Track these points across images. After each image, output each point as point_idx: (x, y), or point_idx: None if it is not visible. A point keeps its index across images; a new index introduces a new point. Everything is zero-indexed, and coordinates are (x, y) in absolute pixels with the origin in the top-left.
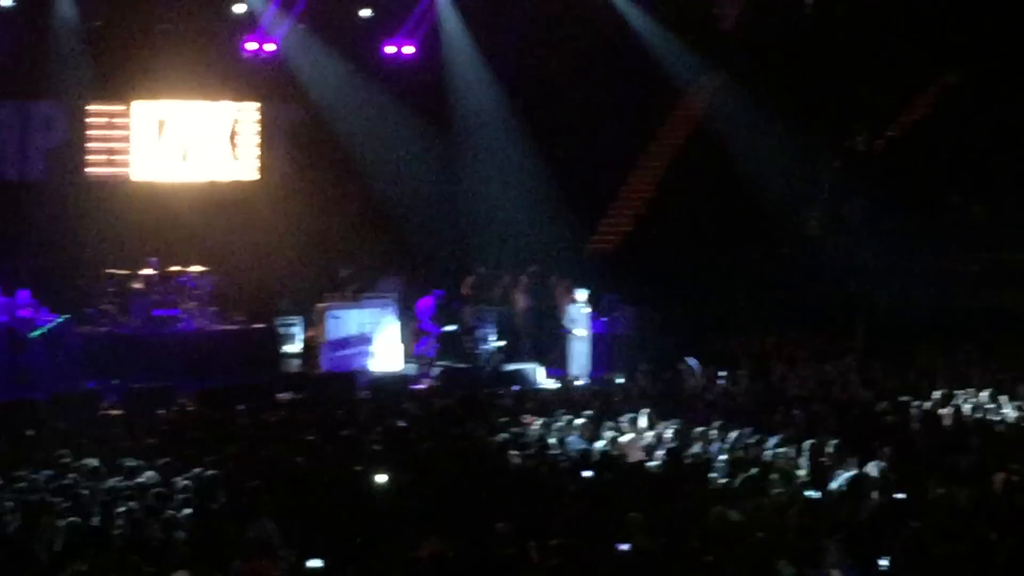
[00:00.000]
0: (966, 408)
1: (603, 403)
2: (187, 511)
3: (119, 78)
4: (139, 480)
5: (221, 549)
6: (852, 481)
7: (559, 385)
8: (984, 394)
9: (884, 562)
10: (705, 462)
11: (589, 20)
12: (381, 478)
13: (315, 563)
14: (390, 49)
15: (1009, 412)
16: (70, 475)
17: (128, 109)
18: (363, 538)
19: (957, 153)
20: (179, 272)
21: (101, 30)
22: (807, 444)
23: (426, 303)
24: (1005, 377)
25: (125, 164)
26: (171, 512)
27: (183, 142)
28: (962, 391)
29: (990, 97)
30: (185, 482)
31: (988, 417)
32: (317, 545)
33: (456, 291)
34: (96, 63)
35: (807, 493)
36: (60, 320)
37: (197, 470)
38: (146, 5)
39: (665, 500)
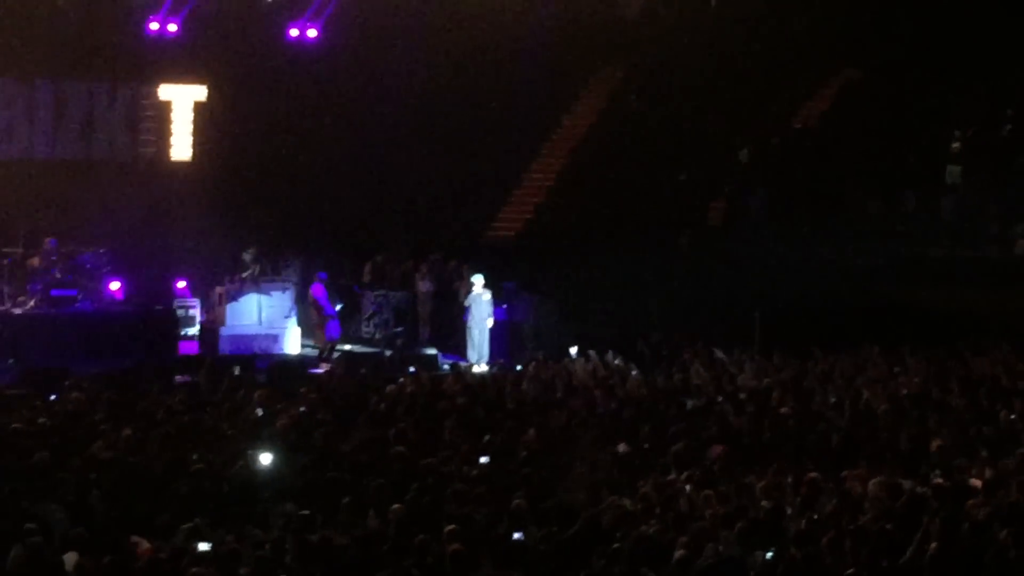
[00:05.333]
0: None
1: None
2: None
3: (20, 55)
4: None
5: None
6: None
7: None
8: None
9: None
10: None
11: (494, 7)
12: (265, 458)
13: (204, 546)
14: (294, 32)
15: None
16: None
17: (30, 87)
18: (255, 520)
19: (856, 148)
20: (78, 251)
21: (1, 5)
22: None
23: (319, 289)
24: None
25: (25, 142)
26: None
27: (84, 121)
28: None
29: (890, 93)
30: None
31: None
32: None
33: (345, 276)
34: None
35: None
36: None
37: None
38: None
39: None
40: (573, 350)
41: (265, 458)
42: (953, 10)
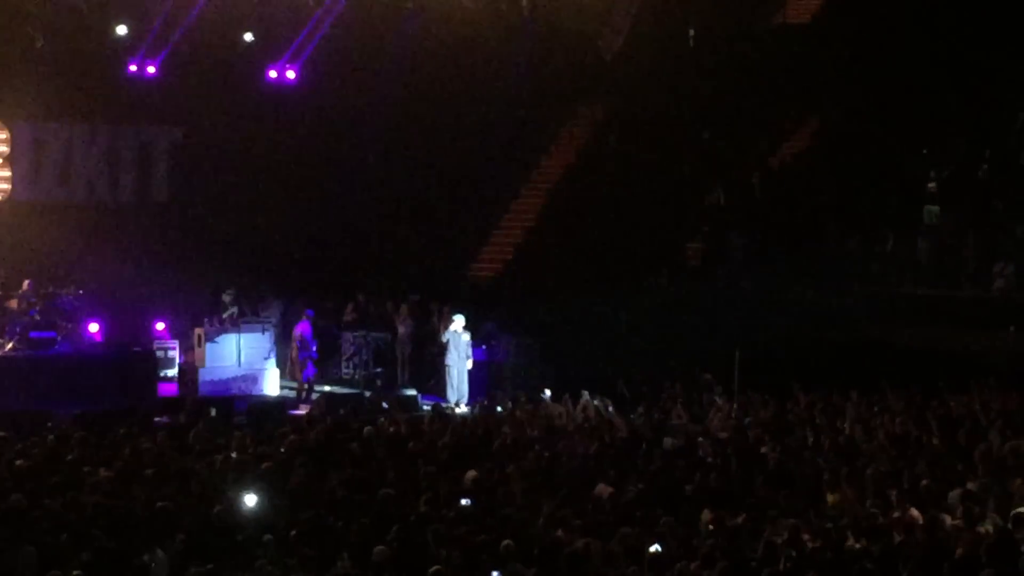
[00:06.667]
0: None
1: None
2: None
3: None
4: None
5: None
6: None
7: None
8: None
9: None
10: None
11: (473, 48)
12: (250, 499)
13: None
14: (272, 74)
15: None
16: None
17: (9, 129)
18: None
19: (834, 188)
20: (56, 293)
21: None
22: None
23: (304, 327)
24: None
25: (3, 184)
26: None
27: (63, 163)
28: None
29: (867, 133)
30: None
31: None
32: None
33: (329, 315)
34: None
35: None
36: None
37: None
38: (26, 25)
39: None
40: (547, 393)
41: (245, 500)
42: (931, 51)
